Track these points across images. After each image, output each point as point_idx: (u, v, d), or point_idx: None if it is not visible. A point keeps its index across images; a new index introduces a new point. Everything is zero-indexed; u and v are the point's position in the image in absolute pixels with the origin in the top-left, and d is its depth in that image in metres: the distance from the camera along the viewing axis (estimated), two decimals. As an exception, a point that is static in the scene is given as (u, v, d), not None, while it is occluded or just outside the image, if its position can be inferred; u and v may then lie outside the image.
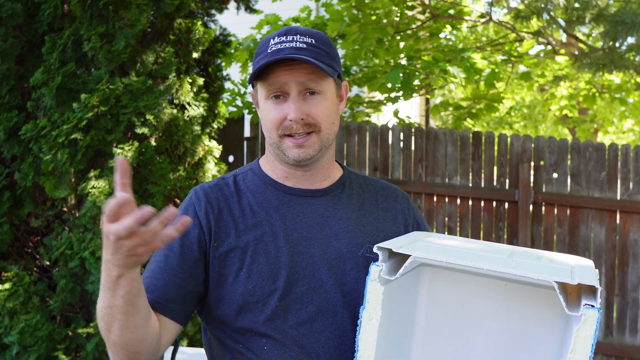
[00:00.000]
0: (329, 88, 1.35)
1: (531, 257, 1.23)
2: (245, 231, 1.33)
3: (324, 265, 1.33)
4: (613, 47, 4.73)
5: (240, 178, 1.42)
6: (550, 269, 1.11)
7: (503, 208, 4.99)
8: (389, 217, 1.45)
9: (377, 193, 1.48)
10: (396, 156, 5.13)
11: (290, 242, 1.33)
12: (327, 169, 1.42)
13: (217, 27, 4.36)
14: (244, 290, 1.30)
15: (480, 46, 6.83)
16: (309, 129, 1.32)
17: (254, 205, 1.36)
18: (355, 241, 1.37)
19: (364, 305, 1.17)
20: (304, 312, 1.30)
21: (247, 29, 5.82)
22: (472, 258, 1.12)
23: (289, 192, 1.39)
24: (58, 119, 3.22)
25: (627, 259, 4.79)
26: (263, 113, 1.35)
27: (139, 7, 3.30)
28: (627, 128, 13.25)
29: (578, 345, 1.03)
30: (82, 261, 3.23)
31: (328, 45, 1.36)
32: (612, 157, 4.84)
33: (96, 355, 3.25)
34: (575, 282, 1.03)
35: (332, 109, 1.36)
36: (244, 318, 1.31)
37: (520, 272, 1.06)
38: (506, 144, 5.00)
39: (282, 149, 1.34)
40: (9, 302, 3.18)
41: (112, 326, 1.17)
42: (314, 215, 1.37)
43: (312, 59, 1.29)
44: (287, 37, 1.32)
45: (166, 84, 3.55)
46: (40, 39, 3.44)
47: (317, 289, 1.32)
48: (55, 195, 3.27)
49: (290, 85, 1.30)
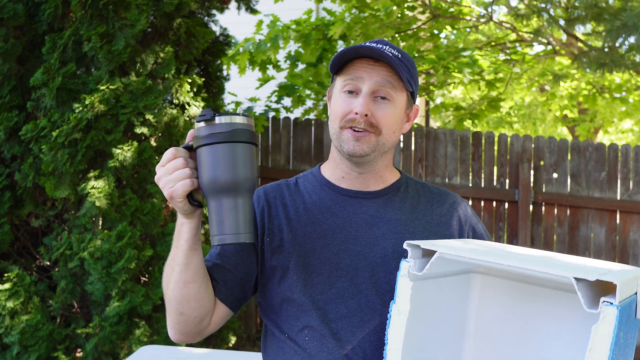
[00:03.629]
0: (400, 99, 1.40)
1: (574, 259, 1.22)
2: (297, 228, 1.41)
3: (367, 263, 1.38)
4: (613, 47, 4.73)
5: (301, 180, 1.51)
6: (576, 267, 1.09)
7: (503, 208, 4.99)
8: (442, 222, 1.47)
9: (433, 199, 1.51)
10: (396, 156, 5.13)
11: (337, 239, 1.40)
12: (382, 175, 1.47)
13: (217, 27, 4.36)
14: (290, 281, 1.38)
15: (480, 46, 6.83)
16: (369, 127, 1.36)
17: (309, 204, 1.44)
18: (403, 242, 1.38)
19: (394, 300, 1.20)
20: (344, 307, 1.36)
21: (248, 28, 5.82)
22: (495, 256, 1.12)
23: (342, 192, 1.45)
24: (58, 119, 3.23)
25: (627, 259, 4.78)
26: (333, 105, 1.41)
27: (138, 7, 3.30)
28: (627, 128, 13.25)
29: (596, 344, 1.01)
30: (81, 261, 3.24)
31: (412, 65, 1.41)
32: (612, 157, 4.84)
33: (95, 356, 3.25)
34: (594, 278, 1.00)
35: (397, 119, 1.40)
36: (288, 309, 1.39)
37: (538, 268, 1.05)
38: (506, 144, 5.00)
39: (341, 140, 1.38)
40: (10, 302, 3.18)
41: (170, 279, 1.32)
42: (363, 216, 1.42)
43: (394, 65, 1.34)
44: (378, 45, 1.37)
45: (166, 84, 3.55)
46: (40, 39, 3.44)
47: (358, 286, 1.37)
48: (55, 196, 3.27)
49: (365, 82, 1.36)
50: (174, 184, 1.20)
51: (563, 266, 1.10)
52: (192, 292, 1.31)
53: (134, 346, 3.25)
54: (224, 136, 1.18)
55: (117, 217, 3.28)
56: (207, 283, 1.35)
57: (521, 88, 10.37)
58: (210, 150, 1.19)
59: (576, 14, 4.97)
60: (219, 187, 1.18)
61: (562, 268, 1.07)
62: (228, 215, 1.20)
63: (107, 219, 3.30)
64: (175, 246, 1.30)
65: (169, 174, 1.20)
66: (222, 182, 1.18)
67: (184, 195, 1.20)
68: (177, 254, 1.30)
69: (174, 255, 1.31)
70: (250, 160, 1.21)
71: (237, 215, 1.20)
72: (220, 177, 1.18)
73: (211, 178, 1.18)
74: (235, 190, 1.19)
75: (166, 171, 1.21)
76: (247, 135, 1.21)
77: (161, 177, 1.22)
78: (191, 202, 1.23)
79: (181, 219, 1.28)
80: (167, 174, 1.21)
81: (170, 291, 1.33)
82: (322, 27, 5.44)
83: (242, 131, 1.20)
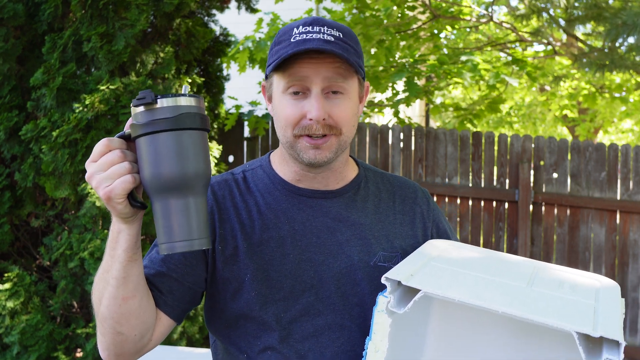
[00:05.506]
0: (352, 88, 1.24)
1: (553, 285, 1.15)
2: (251, 234, 1.25)
3: (333, 274, 1.25)
4: (613, 47, 4.73)
5: (249, 174, 1.33)
6: (572, 310, 1.04)
7: (503, 208, 4.99)
8: (406, 221, 1.35)
9: (394, 193, 1.38)
10: (396, 156, 5.13)
11: (297, 248, 1.25)
12: (341, 171, 1.32)
13: (217, 27, 4.35)
14: (248, 297, 1.23)
15: (480, 46, 6.83)
16: (329, 131, 1.21)
17: (262, 207, 1.28)
18: (368, 249, 1.28)
19: (370, 336, 1.11)
20: (310, 325, 1.23)
21: (248, 28, 5.82)
22: (485, 297, 1.05)
23: (299, 193, 1.29)
24: (58, 119, 3.23)
25: (627, 259, 4.79)
26: (278, 109, 1.23)
27: (138, 7, 3.30)
28: (627, 128, 13.25)
29: None
30: (81, 261, 3.24)
31: (354, 41, 1.24)
32: (612, 157, 4.84)
33: (95, 355, 3.25)
34: (598, 334, 0.97)
35: (354, 111, 1.25)
36: (245, 326, 1.24)
37: (537, 319, 1.00)
38: (506, 144, 5.00)
39: (297, 150, 1.22)
40: (10, 302, 3.18)
41: (103, 295, 1.14)
42: (324, 219, 1.28)
43: (341, 52, 1.17)
44: (314, 27, 1.20)
45: (166, 84, 3.55)
46: (40, 39, 3.44)
47: (325, 300, 1.24)
48: (55, 196, 3.27)
49: (313, 80, 1.19)
50: (111, 182, 1.00)
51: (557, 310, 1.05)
52: (132, 309, 1.13)
53: (134, 346, 3.25)
54: (167, 123, 0.98)
55: (117, 217, 3.29)
56: (149, 295, 1.18)
57: (521, 88, 10.38)
58: (151, 140, 0.99)
59: (576, 14, 4.97)
60: (165, 184, 0.99)
61: (558, 314, 1.02)
62: (177, 218, 1.01)
63: (107, 219, 3.30)
64: (110, 256, 1.11)
65: (103, 171, 1.01)
66: (167, 178, 0.99)
67: (124, 195, 1.01)
68: (112, 266, 1.11)
69: (107, 267, 1.12)
70: (201, 150, 1.02)
71: (188, 218, 1.01)
72: (164, 172, 0.98)
73: (154, 174, 0.99)
74: (185, 188, 1.00)
75: (99, 167, 1.01)
76: (196, 121, 1.01)
77: (93, 174, 1.02)
78: (132, 203, 1.04)
79: (118, 224, 1.08)
80: (101, 171, 1.01)
81: (104, 308, 1.14)
82: (322, 27, 5.43)
83: (189, 115, 1.00)
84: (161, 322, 1.22)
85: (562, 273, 1.24)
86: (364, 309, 1.25)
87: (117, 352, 1.18)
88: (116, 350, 1.18)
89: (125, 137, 1.04)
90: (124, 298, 1.12)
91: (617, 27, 4.26)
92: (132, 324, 1.15)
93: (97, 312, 1.17)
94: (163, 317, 1.22)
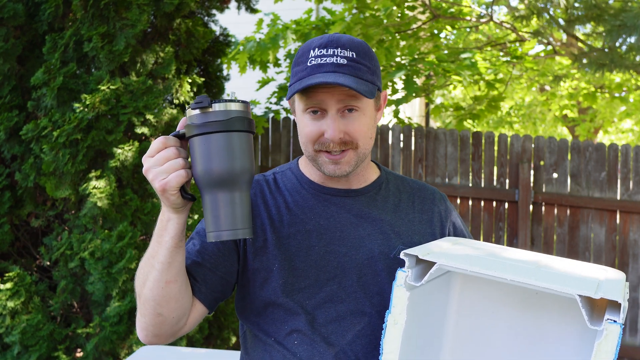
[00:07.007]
0: (367, 104, 1.33)
1: (560, 267, 1.22)
2: (280, 228, 1.36)
3: (355, 265, 1.35)
4: (613, 47, 4.73)
5: (279, 176, 1.45)
6: (576, 281, 1.09)
7: (503, 208, 4.99)
8: (424, 220, 1.46)
9: (414, 194, 1.49)
10: (396, 156, 5.13)
11: (322, 241, 1.36)
12: (364, 174, 1.44)
13: (217, 27, 4.36)
14: (275, 285, 1.33)
15: (479, 46, 6.83)
16: (346, 147, 1.31)
17: (290, 204, 1.39)
18: (388, 243, 1.38)
19: (390, 310, 1.19)
20: (333, 311, 1.33)
21: (248, 28, 5.82)
22: (496, 268, 1.11)
23: (324, 191, 1.41)
24: (59, 119, 3.23)
25: (627, 259, 4.79)
26: (300, 126, 1.36)
27: (139, 7, 3.30)
28: (627, 128, 13.25)
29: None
30: (81, 261, 3.24)
31: (369, 57, 1.33)
32: (612, 157, 4.84)
33: (96, 355, 3.25)
34: (598, 296, 1.01)
35: (370, 124, 1.35)
36: (273, 312, 1.35)
37: (543, 284, 1.05)
38: (506, 144, 5.01)
39: (319, 163, 1.34)
40: (11, 302, 3.18)
41: (147, 278, 1.25)
42: (347, 215, 1.39)
43: (352, 80, 1.26)
44: (328, 50, 1.29)
45: (166, 84, 3.55)
46: (40, 39, 3.44)
47: (347, 289, 1.34)
48: (56, 196, 3.27)
49: (328, 104, 1.29)
50: (167, 175, 1.12)
51: (562, 278, 1.10)
52: (173, 292, 1.25)
53: (134, 346, 3.25)
54: (219, 125, 1.11)
55: (118, 217, 3.29)
56: (187, 282, 1.30)
57: (521, 88, 10.37)
58: (205, 140, 1.11)
59: (576, 15, 4.97)
60: (214, 180, 1.11)
61: (563, 281, 1.07)
62: (224, 210, 1.13)
63: (108, 219, 3.30)
64: (157, 242, 1.23)
65: (159, 165, 1.13)
66: (217, 174, 1.11)
67: (177, 188, 1.13)
68: (159, 251, 1.23)
69: (154, 253, 1.24)
70: (247, 150, 1.14)
71: (234, 210, 1.13)
72: (215, 169, 1.10)
73: (206, 170, 1.11)
74: (232, 183, 1.12)
75: (156, 162, 1.13)
76: (244, 124, 1.13)
77: (150, 168, 1.13)
78: (184, 195, 1.16)
79: (168, 213, 1.20)
80: (158, 165, 1.13)
81: (148, 290, 1.26)
82: (322, 26, 5.45)
83: (238, 119, 1.12)
84: (195, 309, 1.34)
85: (570, 262, 1.31)
86: (383, 297, 1.35)
87: (155, 333, 1.30)
88: (154, 331, 1.30)
89: (179, 136, 1.16)
90: (167, 282, 1.24)
91: (617, 29, 4.26)
92: (172, 306, 1.27)
93: (140, 294, 1.28)
94: (197, 304, 1.34)
